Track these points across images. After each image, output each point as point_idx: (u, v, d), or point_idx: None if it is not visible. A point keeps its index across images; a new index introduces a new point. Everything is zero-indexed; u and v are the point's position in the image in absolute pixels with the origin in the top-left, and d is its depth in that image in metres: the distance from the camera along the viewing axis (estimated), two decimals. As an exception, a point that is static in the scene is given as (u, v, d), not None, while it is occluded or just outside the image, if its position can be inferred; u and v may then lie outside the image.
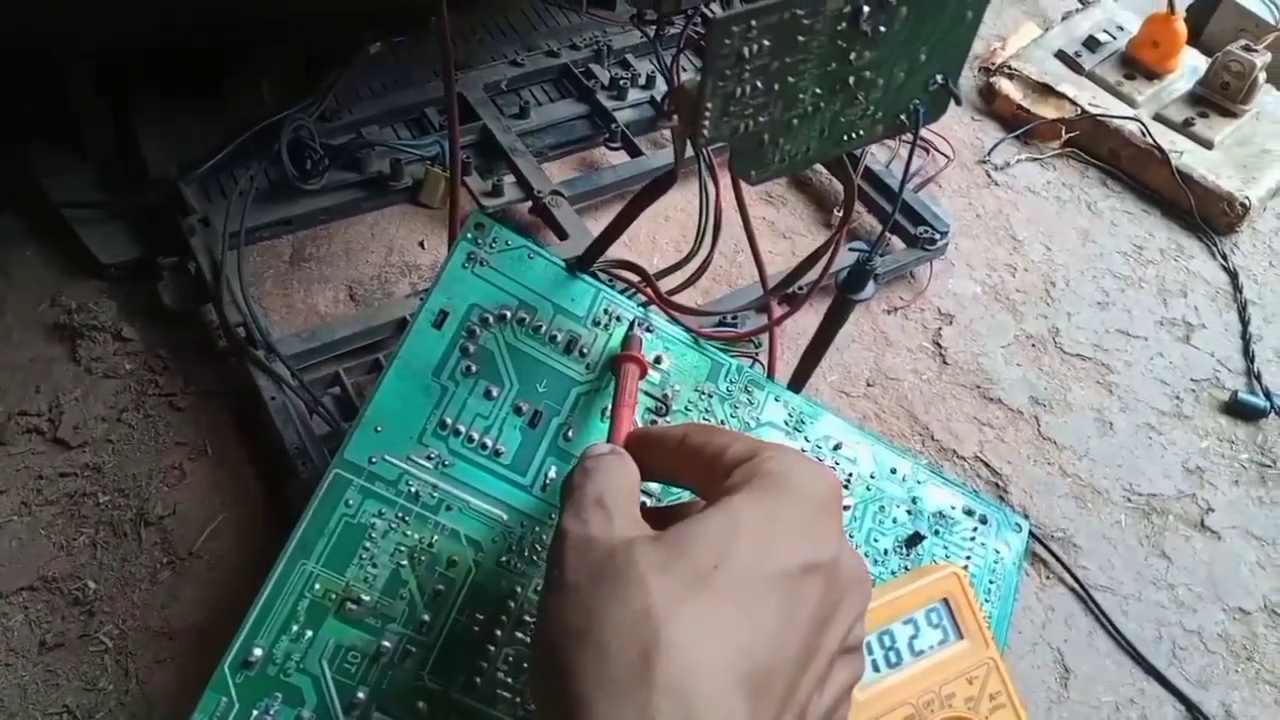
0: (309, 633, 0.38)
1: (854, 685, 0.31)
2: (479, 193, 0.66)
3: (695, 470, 0.33)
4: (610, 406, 0.42)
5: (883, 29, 0.31)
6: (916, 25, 0.32)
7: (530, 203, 0.67)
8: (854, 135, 0.34)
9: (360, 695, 0.38)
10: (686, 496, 0.40)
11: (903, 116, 0.35)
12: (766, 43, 0.29)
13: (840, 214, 0.69)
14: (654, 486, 0.44)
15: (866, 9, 0.30)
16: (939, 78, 0.34)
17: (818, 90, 0.32)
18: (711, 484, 0.31)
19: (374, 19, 0.74)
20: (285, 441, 0.52)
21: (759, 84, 0.30)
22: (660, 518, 0.32)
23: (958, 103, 0.35)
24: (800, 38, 0.29)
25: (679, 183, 0.71)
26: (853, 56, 0.31)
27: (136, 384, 0.57)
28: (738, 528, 0.28)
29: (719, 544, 0.27)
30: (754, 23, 0.28)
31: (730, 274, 0.68)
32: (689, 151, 0.34)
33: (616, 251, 0.65)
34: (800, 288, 0.49)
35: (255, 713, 0.37)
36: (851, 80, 0.32)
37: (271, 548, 0.39)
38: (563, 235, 0.64)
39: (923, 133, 0.78)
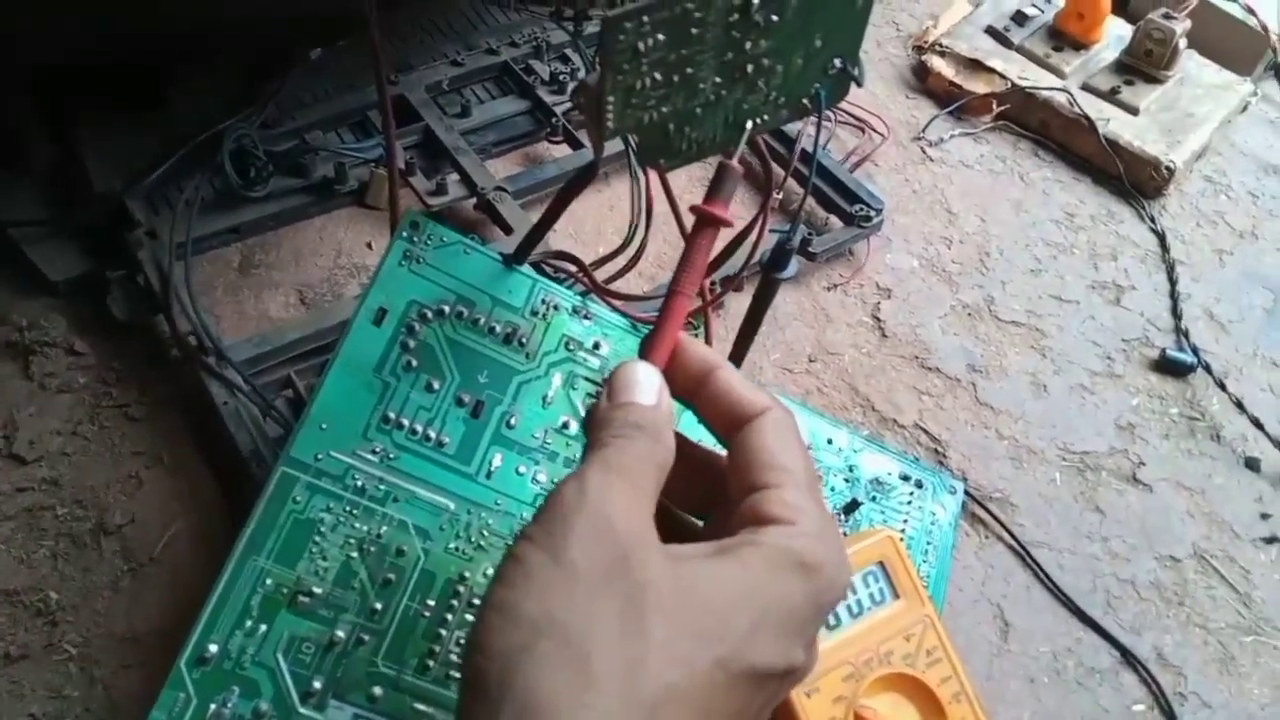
0: (263, 627, 0.39)
1: None
2: (423, 192, 0.67)
3: (715, 417, 0.31)
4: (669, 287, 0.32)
5: (775, 18, 0.32)
6: (807, 13, 0.33)
7: (475, 200, 0.68)
8: (759, 120, 0.36)
9: (316, 684, 0.39)
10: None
11: (805, 100, 0.36)
12: (661, 36, 0.30)
13: (778, 196, 0.71)
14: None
15: (756, 0, 0.31)
16: (837, 62, 0.35)
17: (718, 79, 0.33)
18: (730, 433, 0.30)
19: (312, 26, 0.74)
20: (239, 445, 0.53)
21: (658, 76, 0.31)
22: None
23: (858, 84, 0.37)
24: (694, 30, 0.31)
25: (623, 172, 0.72)
26: (748, 46, 0.33)
27: (91, 397, 0.57)
28: (750, 600, 0.26)
29: (726, 610, 0.26)
30: (646, 18, 0.29)
31: (674, 260, 0.69)
32: (611, 144, 0.36)
33: (566, 243, 0.66)
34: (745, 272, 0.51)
35: (214, 706, 0.38)
36: (750, 68, 0.34)
37: (230, 549, 0.40)
38: (508, 230, 0.66)
39: (858, 112, 0.81)
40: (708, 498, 0.32)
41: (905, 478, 0.52)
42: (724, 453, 0.31)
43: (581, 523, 0.26)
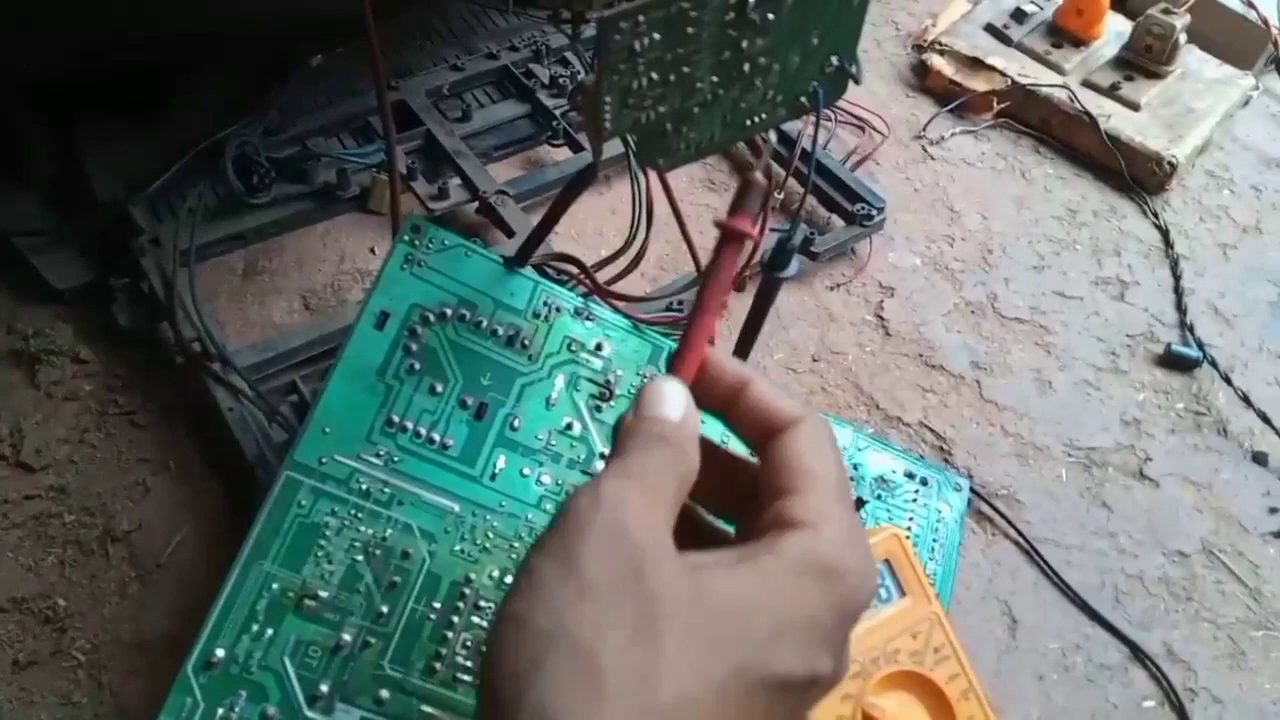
0: (269, 631, 0.39)
1: None
2: (425, 197, 0.68)
3: (748, 428, 0.31)
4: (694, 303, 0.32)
5: (771, 16, 0.32)
6: (804, 11, 0.33)
7: (476, 203, 0.68)
8: (757, 119, 0.36)
9: (323, 688, 0.39)
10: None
11: (803, 98, 0.36)
12: (657, 36, 0.30)
13: (779, 195, 0.71)
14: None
15: (752, -1, 0.31)
16: (834, 59, 0.35)
17: (715, 78, 0.33)
18: (763, 443, 0.29)
19: (312, 32, 0.74)
20: (245, 451, 0.53)
21: (655, 76, 0.31)
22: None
23: (856, 82, 0.37)
24: (690, 29, 0.31)
25: (623, 173, 0.72)
26: (745, 44, 0.33)
27: (97, 404, 0.58)
28: (769, 607, 0.26)
29: (742, 618, 0.25)
30: (641, 18, 0.29)
31: (677, 261, 0.69)
32: (611, 145, 0.36)
33: (567, 245, 0.66)
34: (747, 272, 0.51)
35: (220, 711, 0.38)
36: (747, 67, 0.34)
37: (236, 554, 0.40)
38: (510, 233, 0.66)
39: (858, 111, 0.81)
40: (741, 503, 0.31)
41: (910, 475, 0.52)
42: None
43: (594, 532, 0.25)
